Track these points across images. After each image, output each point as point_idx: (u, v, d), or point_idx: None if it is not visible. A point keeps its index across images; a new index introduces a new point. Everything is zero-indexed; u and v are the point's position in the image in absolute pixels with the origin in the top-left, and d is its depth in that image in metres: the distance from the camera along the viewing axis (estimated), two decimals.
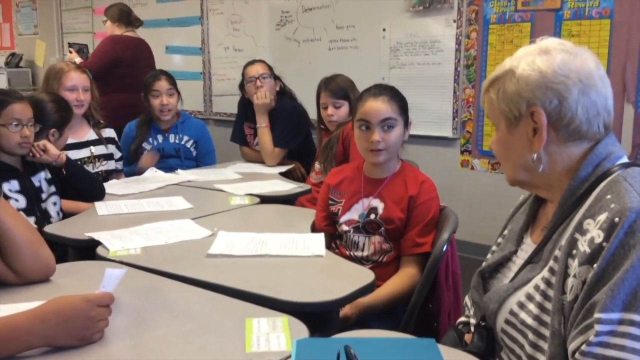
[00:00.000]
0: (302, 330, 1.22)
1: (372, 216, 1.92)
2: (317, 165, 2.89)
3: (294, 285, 1.50)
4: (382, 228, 1.91)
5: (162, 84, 3.19)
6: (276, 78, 3.33)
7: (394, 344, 1.16)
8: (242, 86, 3.37)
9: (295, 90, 3.43)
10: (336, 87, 2.81)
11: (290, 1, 4.54)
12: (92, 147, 2.83)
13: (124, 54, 4.10)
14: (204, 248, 1.72)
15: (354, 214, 1.97)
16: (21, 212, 1.99)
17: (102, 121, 2.95)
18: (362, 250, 1.95)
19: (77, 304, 1.12)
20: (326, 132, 2.91)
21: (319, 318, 1.42)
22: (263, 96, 3.22)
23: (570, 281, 0.97)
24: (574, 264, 0.96)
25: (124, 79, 4.06)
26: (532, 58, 1.08)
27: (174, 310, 1.33)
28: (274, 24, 4.68)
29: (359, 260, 1.92)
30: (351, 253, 1.96)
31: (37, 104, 2.26)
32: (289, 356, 1.11)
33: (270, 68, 3.33)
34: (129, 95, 3.93)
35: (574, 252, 0.98)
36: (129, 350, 1.16)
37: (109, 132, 2.96)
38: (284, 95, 3.36)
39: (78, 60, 4.04)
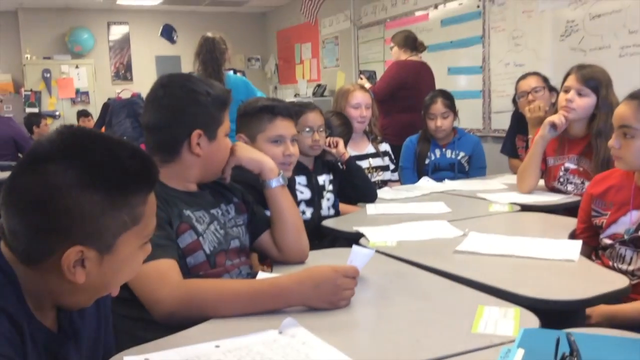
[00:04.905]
0: (533, 322, 1.22)
1: None
2: None
3: (533, 282, 1.49)
4: None
5: (438, 107, 3.25)
6: (551, 89, 3.22)
7: (626, 344, 1.09)
8: (514, 100, 3.34)
9: None
10: (589, 74, 2.44)
11: (577, 10, 4.30)
12: (370, 159, 3.15)
13: (407, 77, 4.35)
14: (454, 245, 1.81)
15: (620, 227, 1.83)
16: (302, 203, 2.35)
17: (379, 137, 3.25)
18: (629, 264, 1.79)
19: (326, 272, 1.32)
20: None
21: (557, 317, 1.38)
22: (536, 109, 3.15)
23: None
24: None
25: (406, 100, 4.31)
26: None
27: (413, 293, 1.46)
28: (557, 35, 4.49)
29: (624, 274, 1.77)
30: (615, 264, 1.82)
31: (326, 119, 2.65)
32: (512, 341, 1.13)
33: (545, 80, 3.23)
34: (410, 115, 4.16)
35: None
36: (370, 317, 1.34)
37: (384, 146, 3.24)
38: None
39: (367, 85, 4.43)
